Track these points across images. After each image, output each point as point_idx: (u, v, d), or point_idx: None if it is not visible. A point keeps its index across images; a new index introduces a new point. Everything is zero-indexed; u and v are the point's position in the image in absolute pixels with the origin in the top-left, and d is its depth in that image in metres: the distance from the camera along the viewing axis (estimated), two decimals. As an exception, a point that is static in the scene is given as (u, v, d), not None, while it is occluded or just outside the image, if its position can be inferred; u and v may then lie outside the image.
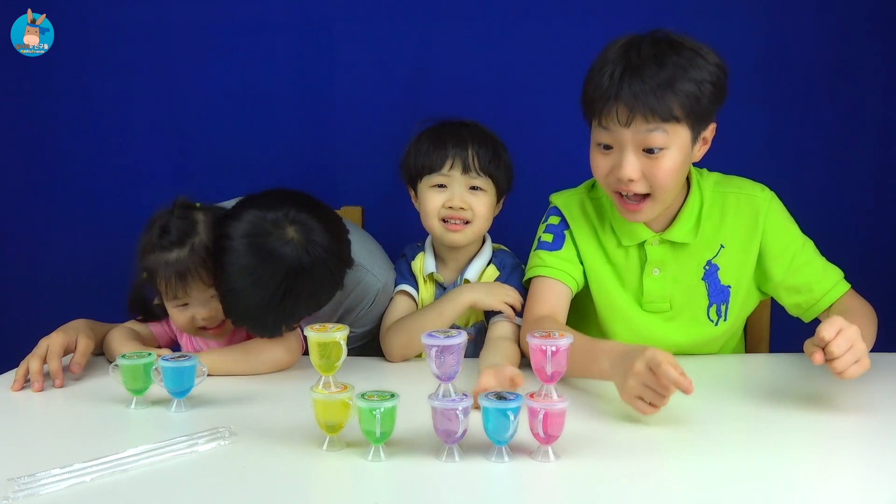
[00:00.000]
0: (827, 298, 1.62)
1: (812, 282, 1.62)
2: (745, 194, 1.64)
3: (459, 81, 2.32)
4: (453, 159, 1.73)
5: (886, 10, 2.20)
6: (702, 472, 1.19)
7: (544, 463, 1.19)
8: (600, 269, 1.68)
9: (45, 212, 2.46)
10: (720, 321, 1.67)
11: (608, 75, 1.46)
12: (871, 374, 1.57)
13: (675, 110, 1.45)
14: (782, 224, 1.64)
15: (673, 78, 1.44)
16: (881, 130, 2.27)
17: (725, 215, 1.63)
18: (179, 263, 1.56)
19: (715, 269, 1.65)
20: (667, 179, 1.49)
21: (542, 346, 1.20)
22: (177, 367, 1.41)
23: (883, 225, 2.28)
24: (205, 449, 1.24)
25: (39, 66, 2.32)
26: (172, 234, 1.58)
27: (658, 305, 1.66)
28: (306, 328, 1.27)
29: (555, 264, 1.67)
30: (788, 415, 1.38)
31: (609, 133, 1.49)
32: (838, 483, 1.13)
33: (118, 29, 2.36)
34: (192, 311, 1.61)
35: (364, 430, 1.20)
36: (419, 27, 2.31)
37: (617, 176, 1.50)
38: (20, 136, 2.43)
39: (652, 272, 1.64)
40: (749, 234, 1.62)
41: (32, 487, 1.10)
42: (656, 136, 1.46)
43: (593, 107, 1.49)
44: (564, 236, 1.69)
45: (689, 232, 1.62)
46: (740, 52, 2.20)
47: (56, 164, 2.43)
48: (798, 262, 1.62)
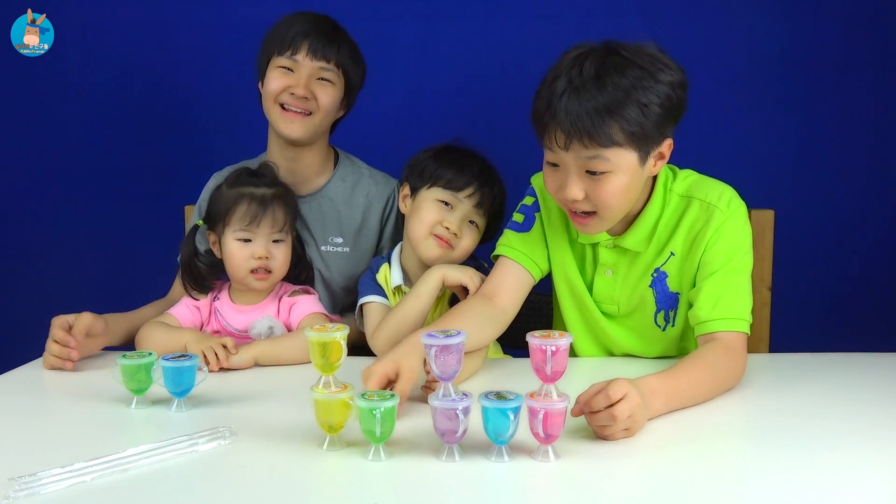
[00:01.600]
0: (709, 325, 1.50)
1: (706, 302, 1.51)
2: (707, 204, 1.55)
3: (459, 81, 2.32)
4: (472, 189, 1.75)
5: (886, 10, 2.20)
6: (702, 471, 1.19)
7: (544, 463, 1.19)
8: (564, 256, 1.66)
9: (44, 211, 2.46)
10: (668, 326, 1.63)
11: (548, 95, 1.41)
12: (870, 374, 1.58)
13: (616, 136, 1.38)
14: (725, 240, 1.53)
15: (613, 103, 1.37)
16: (881, 130, 2.27)
17: (681, 224, 1.56)
18: (263, 197, 1.74)
19: (663, 277, 1.59)
20: (610, 200, 1.45)
21: (542, 346, 1.19)
22: (177, 366, 1.41)
23: (883, 225, 2.28)
24: (205, 449, 1.24)
25: (39, 66, 2.32)
26: (265, 177, 1.78)
27: (606, 306, 1.65)
28: (306, 328, 1.27)
29: (518, 246, 1.66)
30: (788, 415, 1.38)
31: (553, 153, 1.45)
32: (838, 483, 1.13)
33: (118, 29, 2.36)
34: (253, 248, 1.73)
35: (364, 430, 1.20)
36: (419, 27, 2.31)
37: (562, 196, 1.48)
38: (20, 136, 2.43)
39: (604, 272, 1.63)
40: (697, 243, 1.54)
41: (33, 487, 1.10)
42: (597, 163, 1.40)
43: (536, 124, 1.46)
44: (534, 218, 1.68)
45: (642, 241, 1.58)
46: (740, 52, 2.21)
47: (56, 164, 2.43)
48: (712, 279, 1.52)
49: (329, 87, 1.84)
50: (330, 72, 1.84)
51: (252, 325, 1.76)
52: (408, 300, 1.70)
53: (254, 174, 1.79)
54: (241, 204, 1.73)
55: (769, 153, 2.27)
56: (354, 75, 1.89)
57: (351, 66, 1.87)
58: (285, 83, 1.82)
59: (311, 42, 1.81)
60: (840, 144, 2.28)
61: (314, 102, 1.83)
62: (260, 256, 1.73)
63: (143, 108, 2.40)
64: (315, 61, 1.82)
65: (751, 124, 2.25)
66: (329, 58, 1.83)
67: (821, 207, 2.23)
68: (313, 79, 1.83)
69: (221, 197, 1.77)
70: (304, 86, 1.81)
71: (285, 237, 1.77)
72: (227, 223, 1.74)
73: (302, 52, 1.81)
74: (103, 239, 2.45)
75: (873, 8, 2.21)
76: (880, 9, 2.21)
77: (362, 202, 1.94)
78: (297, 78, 1.82)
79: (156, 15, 2.35)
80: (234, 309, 1.79)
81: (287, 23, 1.85)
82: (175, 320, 1.77)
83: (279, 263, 1.76)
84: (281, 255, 1.76)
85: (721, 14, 2.20)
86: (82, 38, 2.35)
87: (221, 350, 1.61)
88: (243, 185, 1.76)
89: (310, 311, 1.77)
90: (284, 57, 1.82)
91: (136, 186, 2.42)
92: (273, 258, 1.74)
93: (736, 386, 1.47)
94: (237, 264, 1.74)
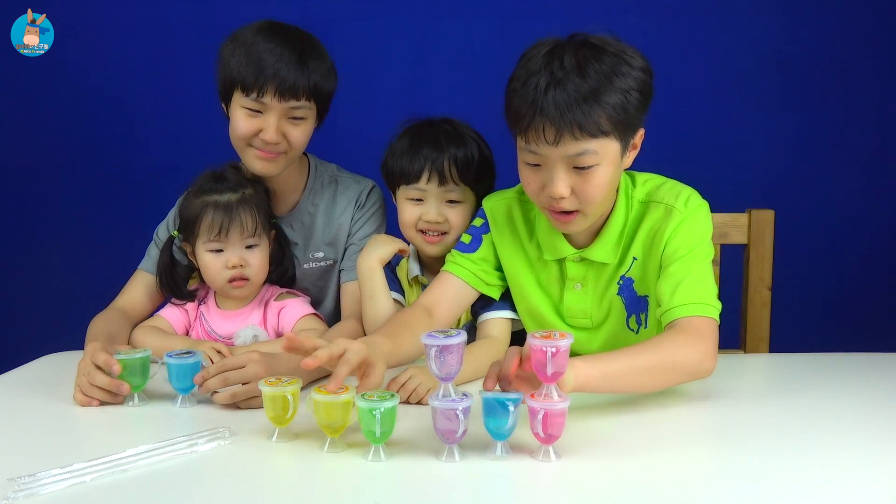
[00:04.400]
0: (669, 314, 1.46)
1: (665, 294, 1.47)
2: (666, 205, 1.53)
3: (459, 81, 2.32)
4: (429, 171, 1.69)
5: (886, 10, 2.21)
6: (701, 471, 1.19)
7: (544, 463, 1.19)
8: (522, 277, 1.64)
9: (45, 211, 2.46)
10: (640, 328, 1.61)
11: (530, 92, 1.38)
12: (870, 374, 1.58)
13: (603, 124, 1.37)
14: (683, 234, 1.51)
15: (598, 90, 1.36)
16: (881, 130, 2.27)
17: (641, 228, 1.55)
18: (228, 204, 1.68)
19: (629, 283, 1.57)
20: (596, 195, 1.44)
21: (542, 347, 1.19)
22: (181, 363, 1.42)
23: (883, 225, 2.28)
24: (205, 449, 1.24)
25: (39, 66, 2.32)
26: (228, 181, 1.71)
27: (579, 321, 1.63)
28: (260, 382, 1.28)
29: (463, 263, 1.64)
30: (788, 414, 1.38)
31: (537, 152, 1.41)
32: (838, 483, 1.13)
33: (118, 29, 2.36)
34: (226, 257, 1.68)
35: (364, 430, 1.20)
36: (419, 27, 2.31)
37: (548, 193, 1.44)
38: (20, 136, 2.43)
39: (574, 287, 1.60)
40: (657, 242, 1.53)
41: (32, 487, 1.10)
42: (585, 157, 1.39)
43: (518, 123, 1.41)
44: (482, 240, 1.66)
45: (609, 253, 1.56)
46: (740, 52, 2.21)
47: (56, 163, 2.43)
48: (668, 271, 1.49)
49: (301, 125, 1.72)
50: (301, 109, 1.70)
51: (237, 333, 1.72)
52: (366, 306, 1.70)
53: (218, 178, 1.71)
54: (207, 214, 1.67)
55: (769, 153, 2.27)
56: (326, 93, 1.75)
57: (323, 88, 1.72)
58: (254, 127, 1.69)
59: (279, 83, 1.65)
60: (840, 144, 2.28)
61: (286, 143, 1.71)
62: (234, 265, 1.68)
63: (143, 108, 2.40)
64: (284, 102, 1.67)
65: (751, 124, 2.25)
66: (299, 95, 1.67)
67: (821, 207, 2.23)
68: (283, 119, 1.69)
69: (189, 207, 1.71)
70: (275, 130, 1.68)
71: (259, 240, 1.71)
72: (197, 234, 1.69)
73: (269, 94, 1.66)
74: (103, 239, 2.45)
75: (873, 8, 2.21)
76: (880, 9, 2.21)
77: (338, 210, 1.87)
78: (266, 121, 1.68)
79: (155, 15, 2.35)
80: (219, 314, 1.76)
81: (250, 57, 1.66)
82: (165, 322, 1.75)
83: (255, 270, 1.70)
84: (257, 260, 1.70)
85: (721, 14, 2.20)
86: (82, 38, 2.35)
87: (216, 355, 1.55)
88: (207, 192, 1.69)
89: (302, 315, 1.73)
90: (250, 99, 1.67)
91: (135, 186, 2.42)
92: (248, 265, 1.69)
93: (707, 372, 1.40)
94: (212, 276, 1.70)
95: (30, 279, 2.47)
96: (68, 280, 2.44)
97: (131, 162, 2.42)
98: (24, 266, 2.47)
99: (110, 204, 2.43)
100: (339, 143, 2.01)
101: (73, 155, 2.42)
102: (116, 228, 2.44)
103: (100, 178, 2.43)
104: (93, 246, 2.45)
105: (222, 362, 1.41)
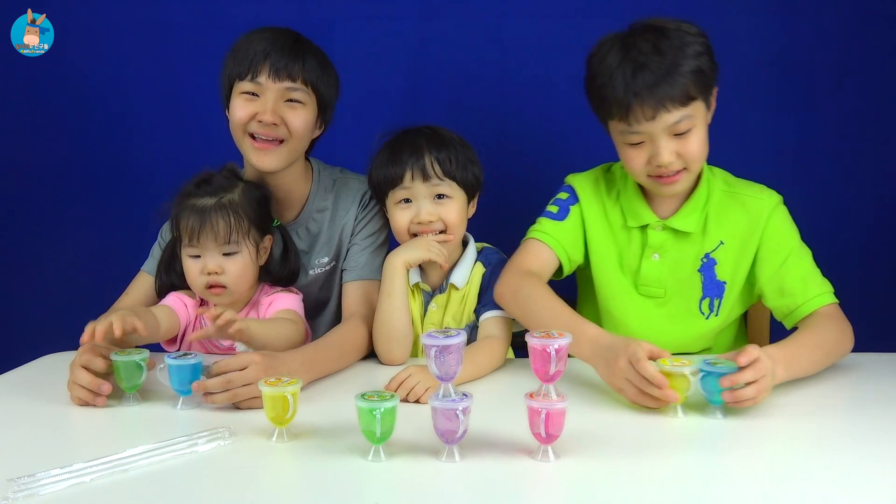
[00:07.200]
0: (807, 306, 1.61)
1: (795, 287, 1.62)
2: (752, 196, 1.67)
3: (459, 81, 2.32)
4: (412, 169, 1.69)
5: (886, 10, 2.21)
6: (701, 471, 1.19)
7: (544, 463, 1.19)
8: (603, 247, 1.72)
9: (45, 211, 2.46)
10: (711, 315, 1.69)
11: (620, 78, 1.52)
12: (870, 374, 1.58)
13: (690, 90, 1.52)
14: (781, 227, 1.66)
15: (676, 62, 1.51)
16: (881, 131, 2.27)
17: (730, 213, 1.67)
18: (203, 209, 1.64)
19: (712, 263, 1.67)
20: (697, 150, 1.57)
21: (542, 347, 1.19)
22: (181, 364, 1.42)
23: (883, 224, 2.28)
24: (205, 449, 1.24)
25: (39, 66, 2.32)
26: (210, 186, 1.68)
27: (652, 290, 1.69)
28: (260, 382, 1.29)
29: (552, 232, 1.72)
30: (788, 414, 1.38)
31: (637, 132, 1.55)
32: (839, 483, 1.13)
33: (118, 29, 2.36)
34: (203, 262, 1.66)
35: (364, 430, 1.20)
36: (419, 27, 2.31)
37: (656, 164, 1.56)
38: (20, 136, 2.43)
39: (651, 256, 1.68)
40: (749, 233, 1.65)
41: (32, 487, 1.10)
42: (683, 123, 1.53)
43: (618, 110, 1.54)
44: (569, 210, 1.74)
45: (693, 223, 1.66)
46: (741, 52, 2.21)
47: (56, 164, 2.43)
48: (787, 265, 1.63)
49: (299, 109, 1.72)
50: (298, 91, 1.71)
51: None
52: (381, 299, 1.69)
53: (202, 182, 1.69)
54: (183, 218, 1.65)
55: (769, 153, 2.27)
56: (325, 89, 1.76)
57: (320, 79, 1.74)
58: (251, 110, 1.70)
59: (273, 61, 1.68)
60: (839, 145, 2.28)
61: (284, 129, 1.71)
62: (210, 272, 1.64)
63: (144, 108, 2.39)
64: (279, 82, 1.69)
65: (750, 124, 2.25)
66: (294, 76, 1.70)
67: (820, 207, 2.22)
68: (281, 102, 1.70)
69: (173, 209, 1.69)
70: (272, 111, 1.69)
71: (237, 248, 1.66)
72: (180, 238, 1.67)
73: (264, 74, 1.69)
74: (103, 239, 2.45)
75: (873, 8, 2.21)
76: (880, 9, 2.21)
77: (342, 211, 1.86)
78: (263, 103, 1.70)
79: (155, 15, 2.35)
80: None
81: (244, 43, 1.72)
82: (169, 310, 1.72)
83: (232, 278, 1.66)
84: (234, 268, 1.65)
85: (721, 14, 2.20)
86: (82, 38, 2.35)
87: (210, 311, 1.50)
88: (187, 196, 1.67)
89: (285, 307, 1.71)
90: (246, 81, 1.70)
91: (136, 186, 2.41)
92: (225, 273, 1.65)
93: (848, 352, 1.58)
94: (191, 281, 1.68)
95: (30, 279, 2.47)
96: (68, 280, 2.44)
97: (132, 162, 2.41)
98: (24, 266, 2.47)
99: (110, 204, 2.43)
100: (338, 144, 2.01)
101: (74, 155, 2.42)
102: (116, 228, 2.43)
103: (100, 179, 2.43)
104: (93, 246, 2.45)
105: (225, 363, 1.41)
